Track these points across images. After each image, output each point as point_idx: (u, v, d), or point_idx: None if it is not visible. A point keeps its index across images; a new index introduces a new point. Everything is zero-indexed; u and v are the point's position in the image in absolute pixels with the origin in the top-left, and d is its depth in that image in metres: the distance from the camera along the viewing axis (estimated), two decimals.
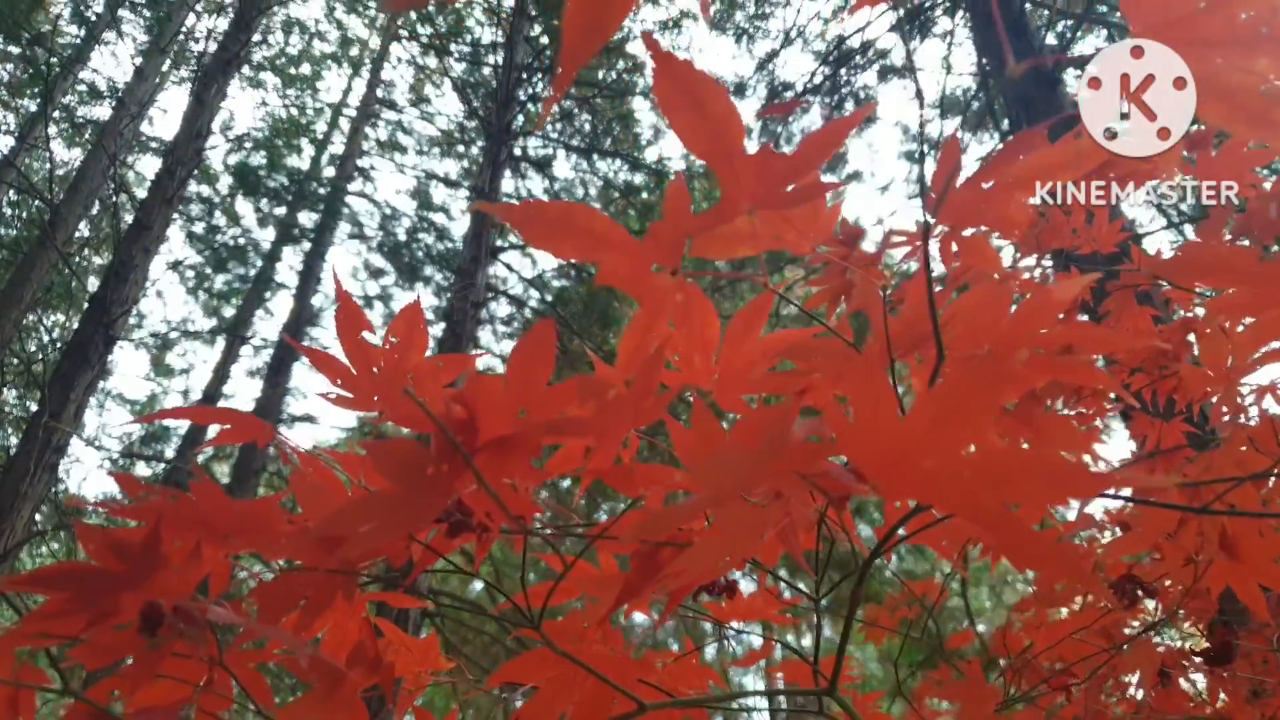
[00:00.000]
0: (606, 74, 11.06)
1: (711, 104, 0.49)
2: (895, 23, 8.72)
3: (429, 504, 0.55)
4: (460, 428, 0.56)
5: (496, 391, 0.55)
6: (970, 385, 0.41)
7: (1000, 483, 0.42)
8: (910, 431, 0.44)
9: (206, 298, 11.74)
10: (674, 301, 0.64)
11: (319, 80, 13.08)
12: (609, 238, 0.59)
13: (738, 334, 0.76)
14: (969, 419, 0.42)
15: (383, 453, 0.52)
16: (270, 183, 10.87)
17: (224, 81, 6.77)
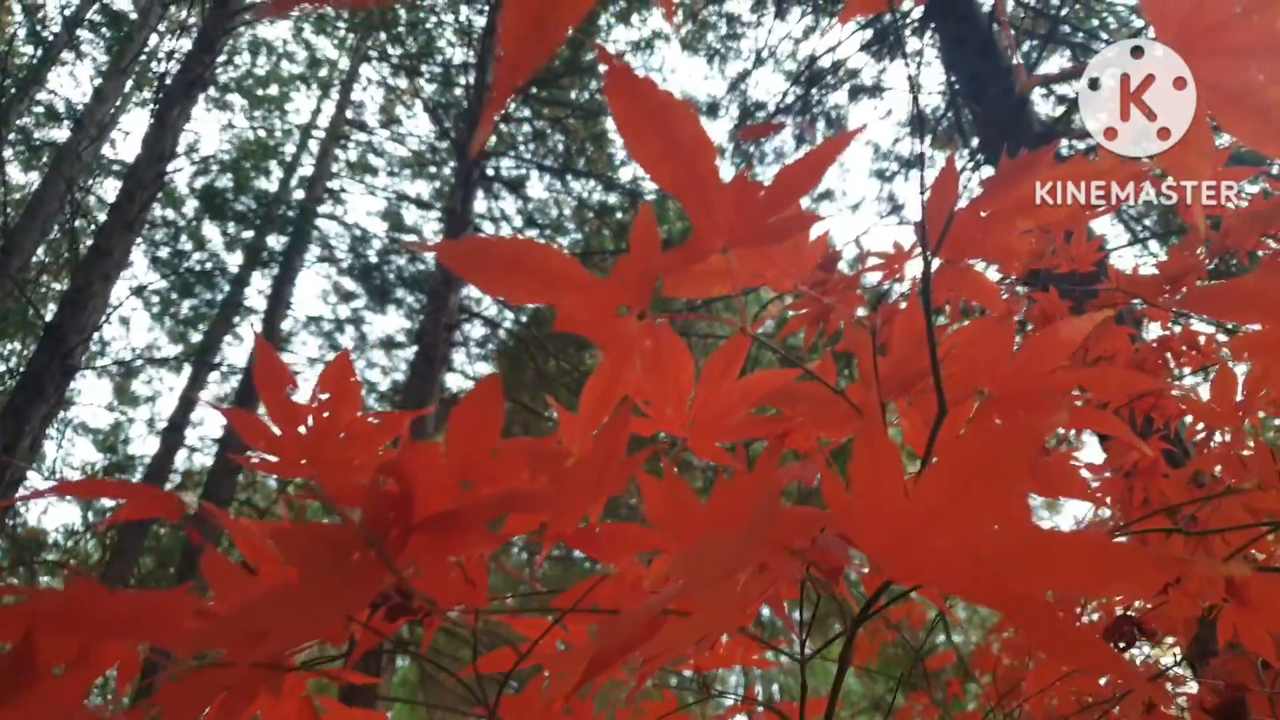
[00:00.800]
0: (579, 94, 11.03)
1: (678, 128, 0.42)
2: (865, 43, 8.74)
3: (358, 592, 0.48)
4: (393, 503, 0.48)
5: (435, 461, 0.48)
6: (995, 452, 0.34)
7: (1032, 568, 0.35)
8: (921, 507, 0.37)
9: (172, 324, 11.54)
10: (642, 347, 0.56)
11: (287, 102, 12.96)
12: (568, 278, 0.52)
13: (713, 377, 0.69)
14: (993, 492, 0.35)
15: (296, 541, 0.44)
16: (237, 206, 10.74)
17: (188, 103, 6.64)
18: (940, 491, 0.37)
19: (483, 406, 0.47)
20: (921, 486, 0.37)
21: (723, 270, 0.56)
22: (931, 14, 6.99)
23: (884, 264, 1.94)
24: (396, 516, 0.49)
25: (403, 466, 0.47)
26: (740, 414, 0.70)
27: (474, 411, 0.47)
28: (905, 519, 0.38)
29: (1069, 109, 7.26)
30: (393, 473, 0.47)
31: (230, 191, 10.77)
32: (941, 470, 0.36)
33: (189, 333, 11.40)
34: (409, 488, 0.48)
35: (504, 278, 0.50)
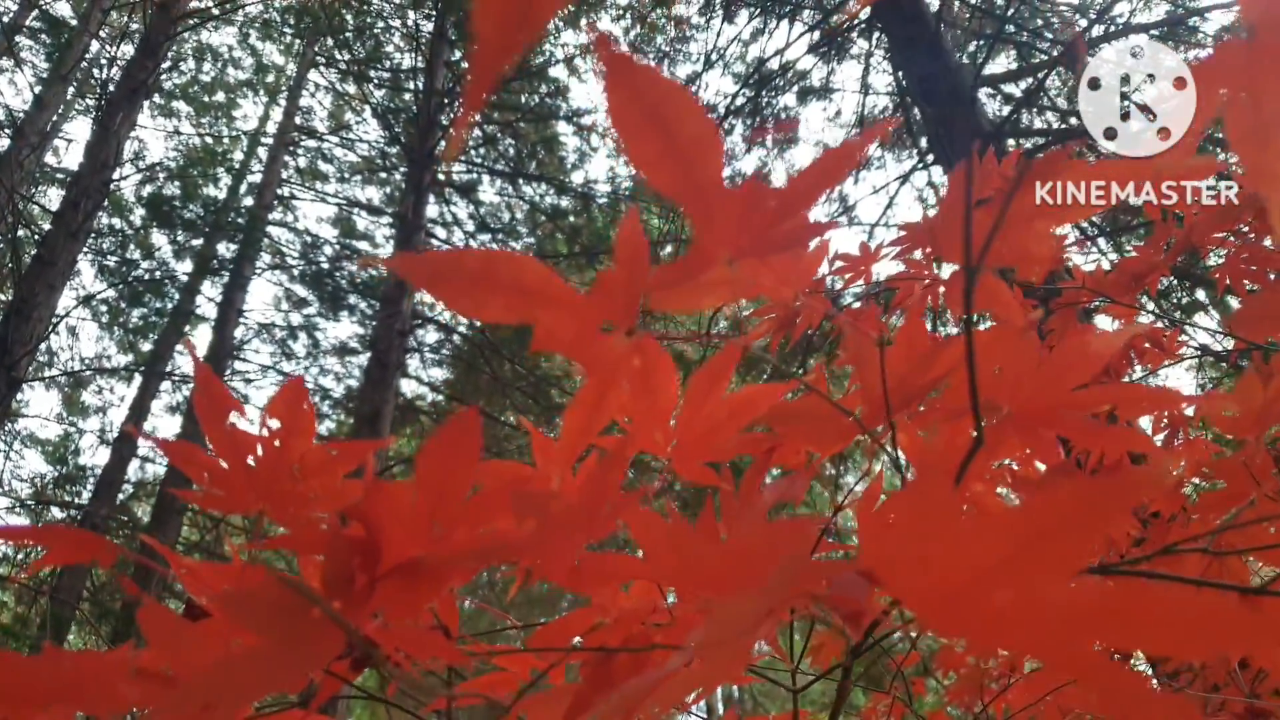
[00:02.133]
0: (529, 98, 10.95)
1: (682, 124, 0.37)
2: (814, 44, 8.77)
3: (317, 651, 0.42)
4: (358, 549, 0.43)
5: (403, 502, 0.42)
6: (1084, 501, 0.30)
7: (1110, 628, 0.30)
8: (979, 559, 0.32)
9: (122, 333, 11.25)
10: (630, 368, 0.51)
11: (235, 108, 12.74)
12: (545, 292, 0.46)
13: (699, 394, 0.64)
14: (1073, 546, 0.30)
15: (244, 607, 0.38)
16: (186, 213, 10.51)
17: (131, 110, 6.46)
18: (1004, 543, 0.32)
19: (456, 443, 0.42)
20: (980, 536, 0.32)
21: (719, 281, 0.51)
22: (879, 15, 7.02)
23: (849, 266, 1.90)
24: (362, 564, 0.44)
25: (368, 509, 0.42)
26: (729, 432, 0.65)
27: (447, 448, 0.42)
28: (958, 571, 0.33)
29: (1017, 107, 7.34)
30: (357, 515, 0.42)
31: (178, 199, 10.55)
32: (1017, 519, 0.31)
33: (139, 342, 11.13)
34: (375, 532, 0.42)
35: (472, 293, 0.45)
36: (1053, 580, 0.31)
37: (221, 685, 0.38)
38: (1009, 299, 0.56)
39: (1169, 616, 0.30)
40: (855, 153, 0.38)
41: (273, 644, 0.40)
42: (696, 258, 0.41)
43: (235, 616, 0.39)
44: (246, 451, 0.54)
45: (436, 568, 0.42)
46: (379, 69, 11.05)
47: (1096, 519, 0.30)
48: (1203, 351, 3.95)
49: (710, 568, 0.44)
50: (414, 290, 8.80)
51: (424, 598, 0.44)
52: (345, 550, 0.42)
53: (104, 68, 8.10)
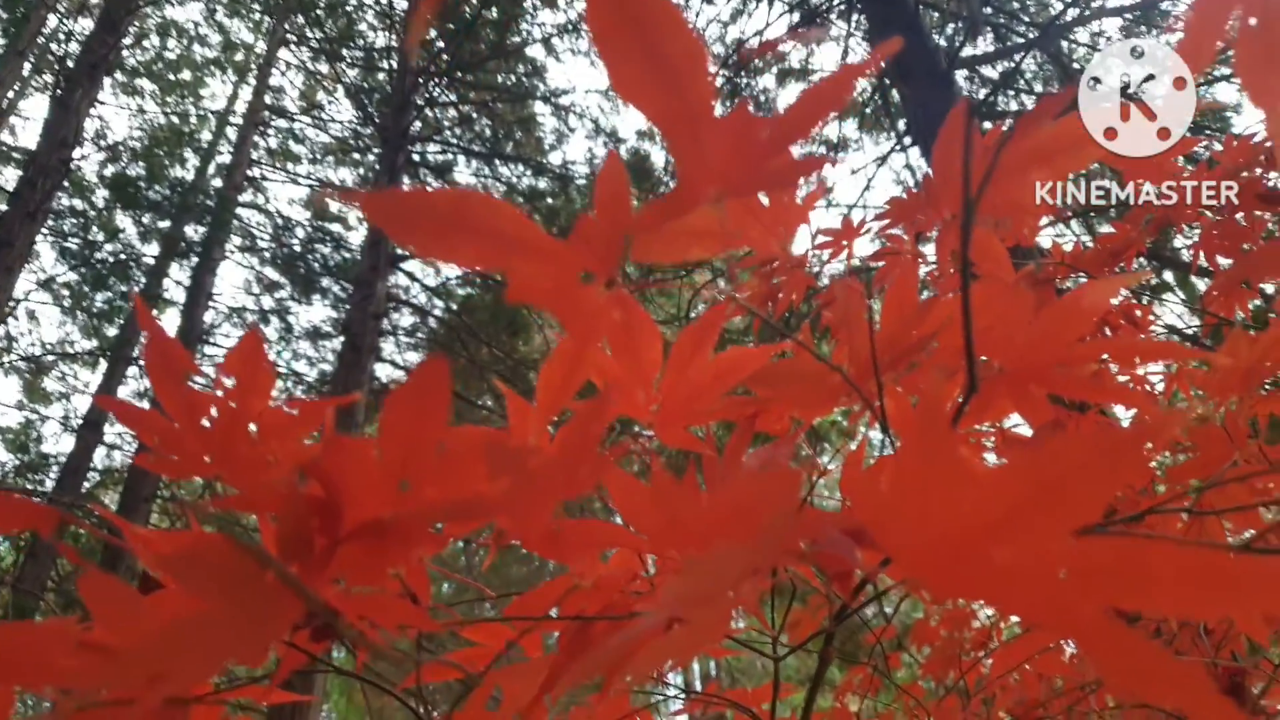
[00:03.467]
0: (506, 78, 10.85)
1: (668, 40, 0.34)
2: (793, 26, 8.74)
3: (274, 619, 0.39)
4: (317, 509, 0.40)
5: (367, 459, 0.39)
6: (1095, 451, 0.27)
7: (1115, 587, 0.28)
8: (982, 516, 0.30)
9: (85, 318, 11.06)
10: (610, 321, 0.48)
11: (202, 87, 12.52)
12: (521, 240, 0.43)
13: (683, 356, 0.61)
14: (1083, 499, 0.28)
15: (193, 570, 0.35)
16: (151, 195, 10.33)
17: (91, 87, 6.32)
18: (1008, 498, 0.29)
19: (424, 395, 0.39)
20: (983, 490, 0.30)
21: (703, 230, 0.48)
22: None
23: (831, 240, 1.88)
24: (321, 525, 0.41)
25: (327, 466, 0.39)
26: (714, 397, 0.62)
27: (414, 400, 0.39)
28: (958, 528, 0.31)
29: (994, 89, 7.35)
30: (316, 473, 0.39)
31: (143, 180, 10.35)
32: (1012, 475, 0.29)
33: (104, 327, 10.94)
34: (336, 491, 0.39)
35: (443, 238, 0.42)
36: (1060, 536, 0.29)
37: (169, 654, 0.35)
38: (1000, 253, 0.54)
39: (1178, 573, 0.27)
40: (848, 82, 0.35)
41: (226, 611, 0.37)
42: (682, 194, 0.38)
43: (183, 580, 0.36)
44: (201, 412, 0.51)
45: (403, 528, 0.39)
46: (352, 48, 10.90)
47: (1109, 469, 0.27)
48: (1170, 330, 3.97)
49: (693, 525, 0.41)
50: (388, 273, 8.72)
51: (389, 561, 0.41)
52: (303, 510, 0.39)
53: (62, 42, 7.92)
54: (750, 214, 0.50)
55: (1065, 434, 0.27)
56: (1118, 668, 0.30)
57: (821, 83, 0.35)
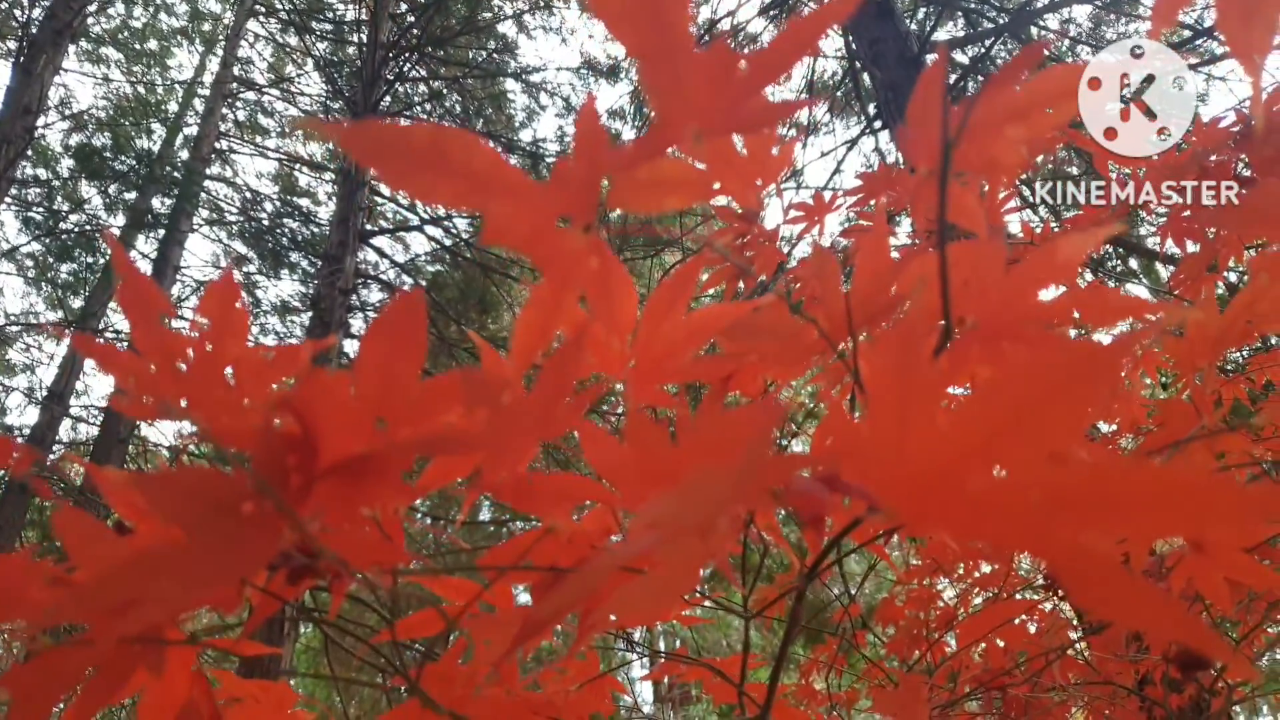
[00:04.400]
0: (477, 54, 10.76)
1: None
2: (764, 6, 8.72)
3: (249, 553, 0.39)
4: (292, 446, 0.40)
5: (343, 394, 0.39)
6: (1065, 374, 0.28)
7: (1095, 512, 0.29)
8: (956, 442, 0.30)
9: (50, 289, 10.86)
10: (588, 268, 0.48)
11: (169, 57, 12.30)
12: (498, 179, 0.43)
13: (659, 311, 0.61)
14: (1054, 425, 0.28)
15: (166, 490, 0.35)
16: (117, 165, 10.16)
17: (55, 54, 6.19)
18: (984, 423, 0.30)
19: (401, 328, 0.39)
20: (958, 416, 0.30)
21: (681, 178, 0.48)
22: None
23: (805, 215, 1.89)
24: (297, 462, 0.41)
25: (303, 402, 0.39)
26: (688, 353, 0.63)
27: (390, 334, 0.39)
28: (933, 456, 0.31)
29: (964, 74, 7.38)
30: (291, 409, 0.39)
31: (109, 150, 10.18)
32: (987, 398, 0.29)
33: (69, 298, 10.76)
34: (311, 428, 0.39)
35: (419, 173, 0.42)
36: (1035, 461, 0.30)
37: (140, 583, 0.35)
38: (975, 208, 0.55)
39: (1152, 495, 0.28)
40: (823, 23, 0.35)
41: (200, 542, 0.37)
42: (660, 131, 0.39)
43: (157, 506, 0.35)
44: (176, 354, 0.50)
45: (379, 464, 0.39)
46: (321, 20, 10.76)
47: (1082, 388, 0.28)
48: None
49: (667, 474, 0.42)
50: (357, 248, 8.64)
51: (366, 499, 0.41)
52: (278, 446, 0.39)
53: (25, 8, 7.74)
54: (728, 164, 0.50)
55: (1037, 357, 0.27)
56: (1090, 591, 0.30)
57: (797, 22, 0.35)
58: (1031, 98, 0.50)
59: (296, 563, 0.48)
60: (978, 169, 0.52)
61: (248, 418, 0.49)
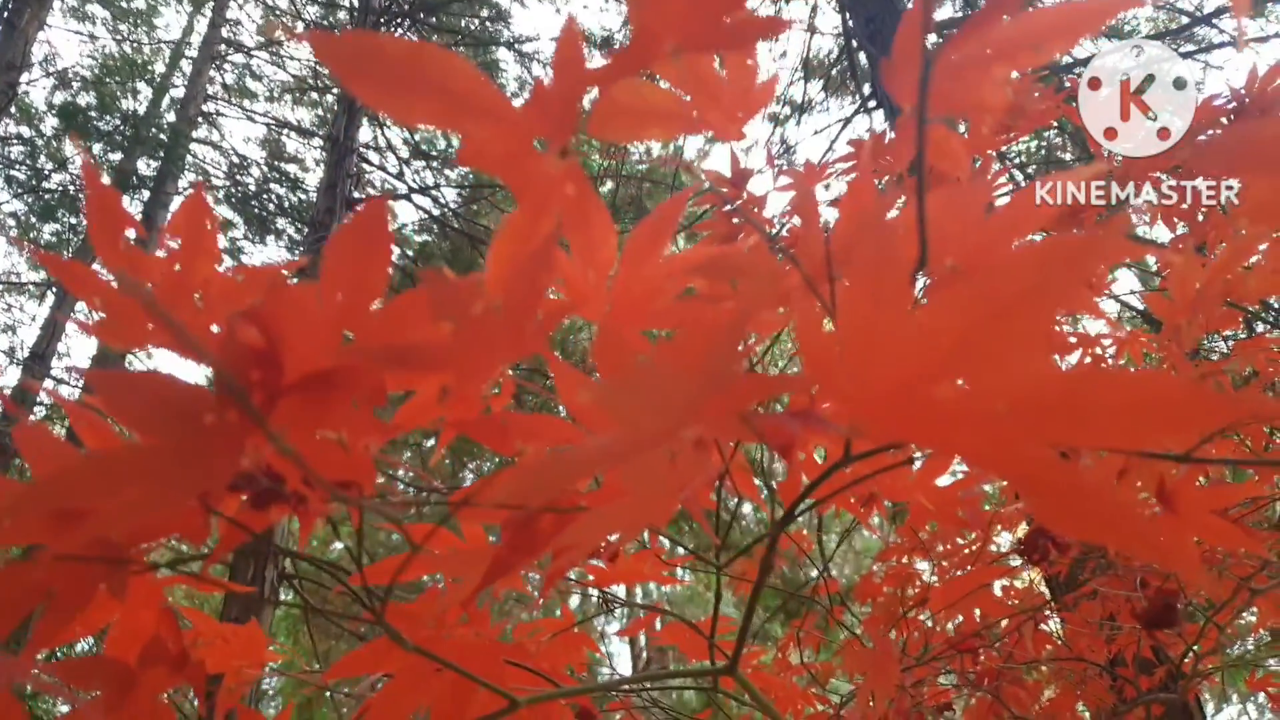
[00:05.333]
0: (469, 22, 10.67)
1: None
2: None
3: (209, 467, 0.38)
4: (257, 359, 0.39)
5: (309, 308, 0.38)
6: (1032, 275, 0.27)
7: (1063, 420, 0.28)
8: (925, 347, 0.30)
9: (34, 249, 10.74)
10: (564, 196, 0.47)
11: (156, 16, 12.15)
12: (476, 100, 0.42)
13: (639, 252, 0.61)
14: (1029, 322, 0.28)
15: (126, 391, 0.35)
16: (102, 125, 10.04)
17: (40, 8, 6.10)
18: (951, 332, 0.29)
19: (366, 238, 0.38)
20: (926, 322, 0.30)
21: (662, 108, 0.48)
22: None
23: (795, 183, 1.88)
24: (261, 378, 0.40)
25: (268, 314, 0.38)
26: (669, 295, 0.62)
27: (355, 244, 0.38)
28: (903, 362, 0.31)
29: None
30: (255, 320, 0.38)
31: (94, 109, 10.06)
32: (954, 306, 0.29)
33: None
34: (276, 341, 0.39)
35: (395, 90, 0.41)
36: (1003, 369, 0.29)
37: (94, 485, 0.34)
38: (959, 151, 0.54)
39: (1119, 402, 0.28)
40: None
41: (157, 450, 0.37)
42: (639, 47, 0.38)
43: (114, 406, 0.35)
44: (144, 276, 0.49)
45: (345, 379, 0.39)
46: None
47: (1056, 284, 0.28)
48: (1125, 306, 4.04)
49: None
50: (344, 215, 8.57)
51: (331, 415, 0.41)
52: (240, 359, 0.38)
53: None
54: (709, 94, 0.49)
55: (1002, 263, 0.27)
56: (1057, 506, 0.30)
57: None
58: (1018, 36, 0.49)
59: (261, 486, 0.47)
60: (963, 109, 0.52)
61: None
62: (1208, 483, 0.98)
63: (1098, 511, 0.29)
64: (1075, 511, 0.29)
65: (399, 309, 0.40)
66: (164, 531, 0.54)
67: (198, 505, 0.53)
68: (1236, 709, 7.27)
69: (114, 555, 0.46)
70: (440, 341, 0.39)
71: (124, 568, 0.47)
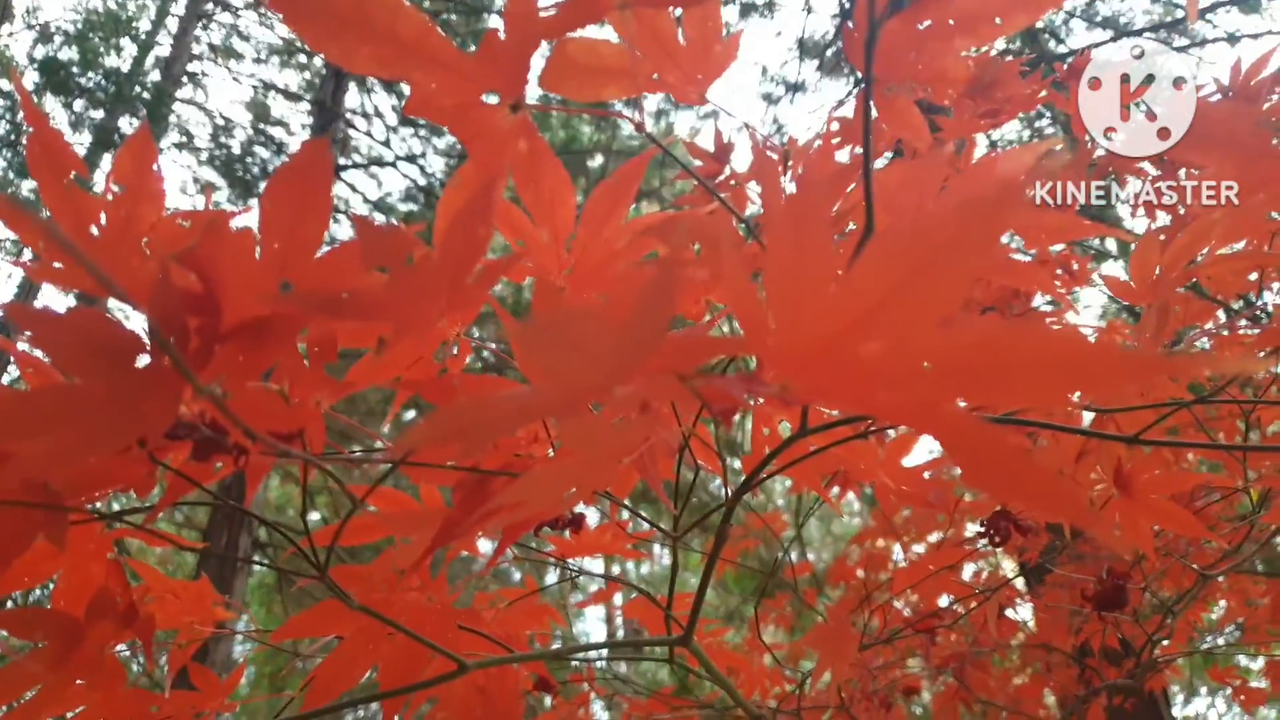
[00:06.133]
0: None
1: None
2: None
3: (145, 411, 0.38)
4: (194, 304, 0.38)
5: (247, 253, 0.38)
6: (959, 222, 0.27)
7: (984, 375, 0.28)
8: (850, 303, 0.30)
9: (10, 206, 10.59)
10: (515, 151, 0.47)
11: None
12: (423, 48, 0.42)
13: (599, 214, 0.60)
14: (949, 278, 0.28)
15: (55, 330, 0.34)
16: (84, 82, 9.89)
17: None
18: (874, 286, 0.29)
19: (306, 175, 0.38)
20: (851, 279, 0.30)
21: (617, 66, 0.47)
22: None
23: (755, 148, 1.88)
24: (199, 324, 0.39)
25: (205, 257, 0.37)
26: (628, 260, 0.62)
27: (293, 187, 0.38)
28: (828, 320, 0.31)
29: None
30: (191, 263, 0.37)
31: (76, 65, 9.91)
32: (881, 253, 0.29)
33: None
34: (213, 285, 0.38)
35: (339, 36, 0.40)
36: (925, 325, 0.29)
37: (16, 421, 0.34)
38: (919, 122, 0.54)
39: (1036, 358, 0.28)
40: None
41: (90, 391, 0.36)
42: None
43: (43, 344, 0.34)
44: (89, 219, 0.49)
45: (280, 325, 0.38)
46: None
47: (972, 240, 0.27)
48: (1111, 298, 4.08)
49: None
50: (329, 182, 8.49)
51: (268, 360, 0.40)
52: (176, 303, 0.37)
53: None
54: (666, 53, 0.49)
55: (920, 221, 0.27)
56: (978, 466, 0.30)
57: None
58: (978, 9, 0.49)
59: (202, 436, 0.47)
60: (925, 79, 0.51)
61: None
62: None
63: (1013, 470, 0.29)
64: (995, 470, 0.29)
65: (338, 258, 0.40)
66: (107, 482, 0.54)
67: (142, 455, 0.52)
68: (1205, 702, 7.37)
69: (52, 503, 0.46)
70: (376, 291, 0.39)
71: (62, 516, 0.46)
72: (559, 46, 0.46)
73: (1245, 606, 2.11)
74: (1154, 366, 0.26)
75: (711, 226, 0.55)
